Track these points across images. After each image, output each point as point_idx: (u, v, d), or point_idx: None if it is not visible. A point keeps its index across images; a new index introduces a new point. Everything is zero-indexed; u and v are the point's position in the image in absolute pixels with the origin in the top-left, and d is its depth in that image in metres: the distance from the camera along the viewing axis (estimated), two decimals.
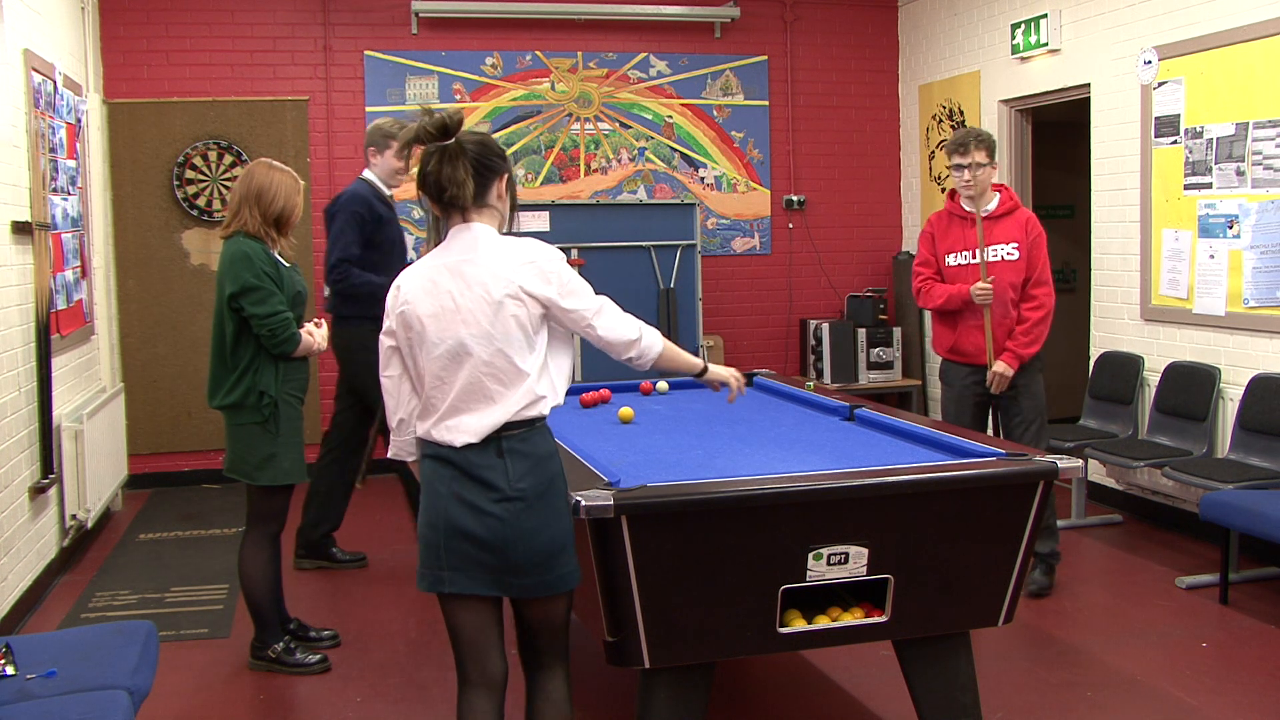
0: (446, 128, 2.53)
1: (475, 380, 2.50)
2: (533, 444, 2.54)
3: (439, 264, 2.55)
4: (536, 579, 2.57)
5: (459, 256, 2.54)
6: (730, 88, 7.69)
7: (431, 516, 2.58)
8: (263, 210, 3.94)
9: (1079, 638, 4.25)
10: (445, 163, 2.53)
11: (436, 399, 2.56)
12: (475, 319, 2.49)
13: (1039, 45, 6.36)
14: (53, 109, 5.36)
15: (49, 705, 2.67)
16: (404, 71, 7.21)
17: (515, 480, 2.52)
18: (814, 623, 2.96)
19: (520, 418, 2.52)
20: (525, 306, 2.50)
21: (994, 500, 3.01)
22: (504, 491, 2.51)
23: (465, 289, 2.50)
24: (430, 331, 2.52)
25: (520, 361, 2.50)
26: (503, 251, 2.54)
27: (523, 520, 2.52)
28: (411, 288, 2.57)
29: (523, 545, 2.52)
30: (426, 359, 2.54)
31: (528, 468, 2.53)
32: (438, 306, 2.52)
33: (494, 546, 2.53)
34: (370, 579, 5.13)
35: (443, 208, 2.59)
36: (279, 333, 3.88)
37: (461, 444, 2.52)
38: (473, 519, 2.52)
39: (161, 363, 6.96)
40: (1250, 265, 5.05)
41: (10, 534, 4.56)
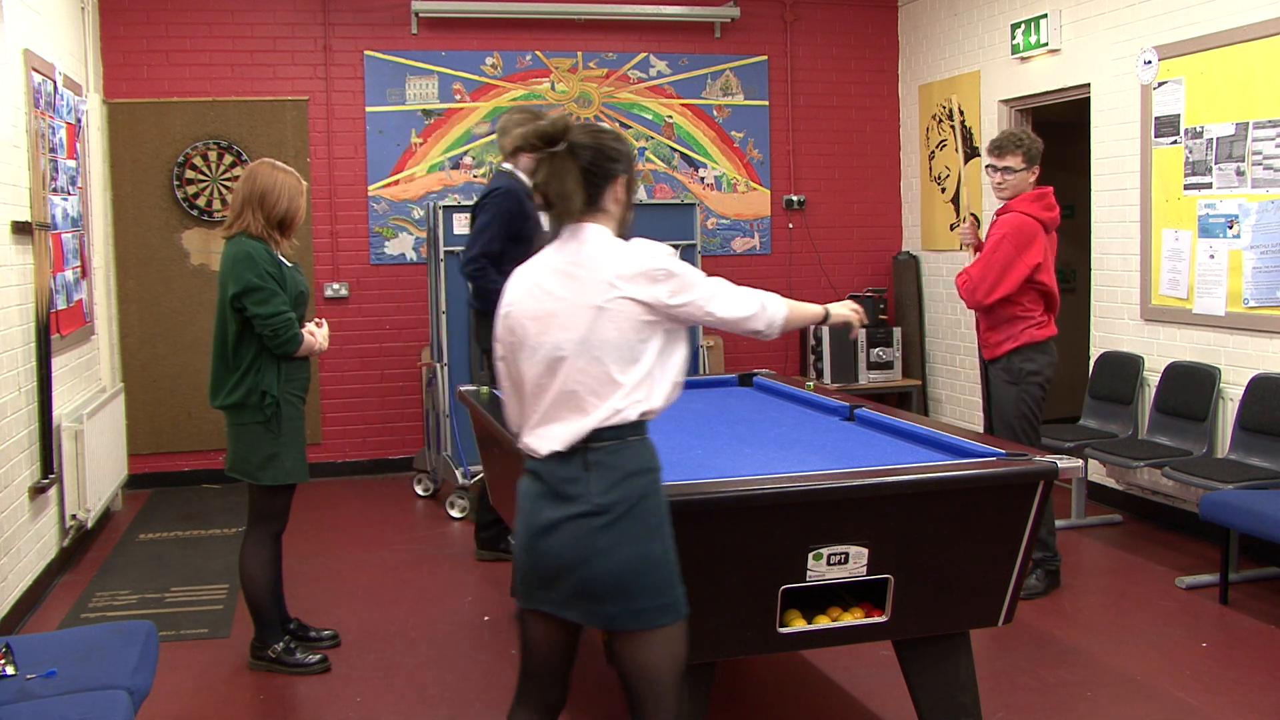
0: (551, 137, 2.41)
1: (569, 388, 2.39)
2: (623, 457, 2.38)
3: (546, 266, 2.46)
4: (618, 607, 2.35)
5: (566, 259, 2.43)
6: (730, 88, 7.69)
7: (518, 528, 2.49)
8: (266, 212, 3.94)
9: (1079, 638, 4.25)
10: (553, 174, 2.42)
11: (533, 406, 2.45)
12: (574, 325, 2.38)
13: (1039, 45, 6.36)
14: (53, 109, 5.36)
15: (49, 705, 2.67)
16: (404, 71, 7.21)
17: (597, 494, 2.36)
18: (814, 623, 2.96)
19: (609, 424, 2.37)
20: (629, 315, 2.37)
21: (994, 500, 3.01)
22: (583, 505, 2.36)
23: (567, 293, 2.40)
24: (530, 335, 2.43)
25: (617, 372, 2.37)
26: (611, 256, 2.40)
27: (598, 537, 2.34)
28: (517, 290, 2.49)
29: (596, 564, 2.34)
30: (527, 364, 2.44)
31: (613, 481, 2.36)
32: (539, 310, 2.42)
33: (568, 564, 2.37)
34: (370, 579, 5.13)
35: (547, 210, 2.49)
36: (282, 333, 3.88)
37: (547, 452, 2.41)
38: (550, 533, 2.39)
39: (161, 363, 6.96)
40: (1250, 265, 5.05)
41: (10, 534, 4.56)
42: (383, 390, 7.31)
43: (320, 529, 5.99)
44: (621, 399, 2.37)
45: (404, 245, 7.26)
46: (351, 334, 7.17)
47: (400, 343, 7.29)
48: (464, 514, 6.13)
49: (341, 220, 7.19)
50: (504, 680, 3.94)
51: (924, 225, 7.76)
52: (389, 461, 7.34)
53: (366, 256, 7.23)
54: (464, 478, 6.20)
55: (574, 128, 2.44)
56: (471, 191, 7.30)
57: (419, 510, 6.43)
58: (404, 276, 7.27)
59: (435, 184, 7.29)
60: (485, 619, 4.57)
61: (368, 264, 7.24)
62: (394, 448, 7.34)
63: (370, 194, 7.22)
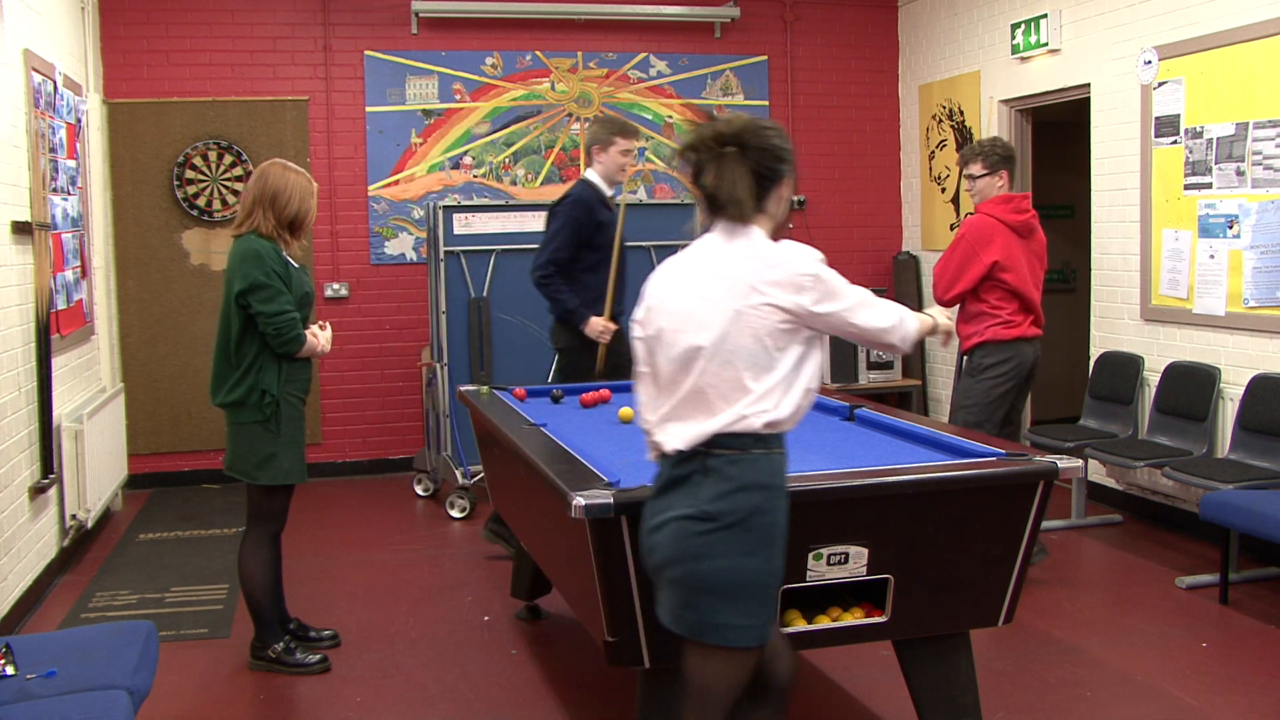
0: (725, 138, 2.37)
1: (699, 388, 2.36)
2: (741, 468, 2.32)
3: (693, 262, 2.44)
4: (700, 616, 2.33)
5: (714, 258, 2.40)
6: (730, 88, 7.69)
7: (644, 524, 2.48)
8: (277, 213, 3.94)
9: (1079, 638, 4.25)
10: (723, 176, 2.37)
11: (665, 400, 2.44)
12: (711, 325, 2.34)
13: (1039, 45, 6.36)
14: (53, 109, 5.36)
15: (49, 705, 2.67)
16: (404, 71, 7.21)
17: (707, 500, 2.32)
18: (814, 623, 2.96)
19: (732, 430, 2.33)
20: (768, 321, 2.33)
21: (994, 500, 3.01)
22: (691, 508, 2.33)
23: (710, 292, 2.36)
24: (667, 331, 2.41)
25: (749, 378, 2.33)
26: (758, 259, 2.36)
27: (695, 542, 2.31)
28: (661, 283, 2.48)
29: (682, 566, 2.32)
30: (663, 358, 2.43)
31: (725, 491, 2.31)
32: (680, 306, 2.40)
33: (668, 561, 2.37)
34: (370, 579, 5.13)
35: (709, 209, 2.44)
36: (285, 332, 3.87)
37: (671, 450, 2.40)
38: (658, 530, 2.39)
39: (161, 363, 6.96)
40: (1250, 265, 5.05)
41: (10, 534, 4.56)
42: (383, 390, 7.31)
43: (320, 529, 5.99)
44: (748, 405, 2.33)
45: (404, 245, 7.27)
46: (351, 334, 7.17)
47: (400, 343, 7.29)
48: (464, 514, 6.13)
49: (341, 220, 7.19)
50: (504, 680, 3.95)
51: (924, 225, 7.76)
52: (389, 461, 7.34)
53: (366, 256, 7.23)
54: (464, 478, 6.20)
55: (748, 129, 2.39)
56: (471, 191, 7.31)
57: (419, 510, 6.43)
58: (404, 276, 7.27)
59: (435, 184, 7.29)
60: (485, 619, 4.57)
61: (368, 264, 7.24)
62: (394, 448, 7.34)
63: (370, 194, 7.22)
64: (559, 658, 4.16)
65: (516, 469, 3.52)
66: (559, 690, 3.86)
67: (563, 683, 3.93)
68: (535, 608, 4.54)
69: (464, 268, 6.35)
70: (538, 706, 3.73)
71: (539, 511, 3.44)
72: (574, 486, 2.76)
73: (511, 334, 6.44)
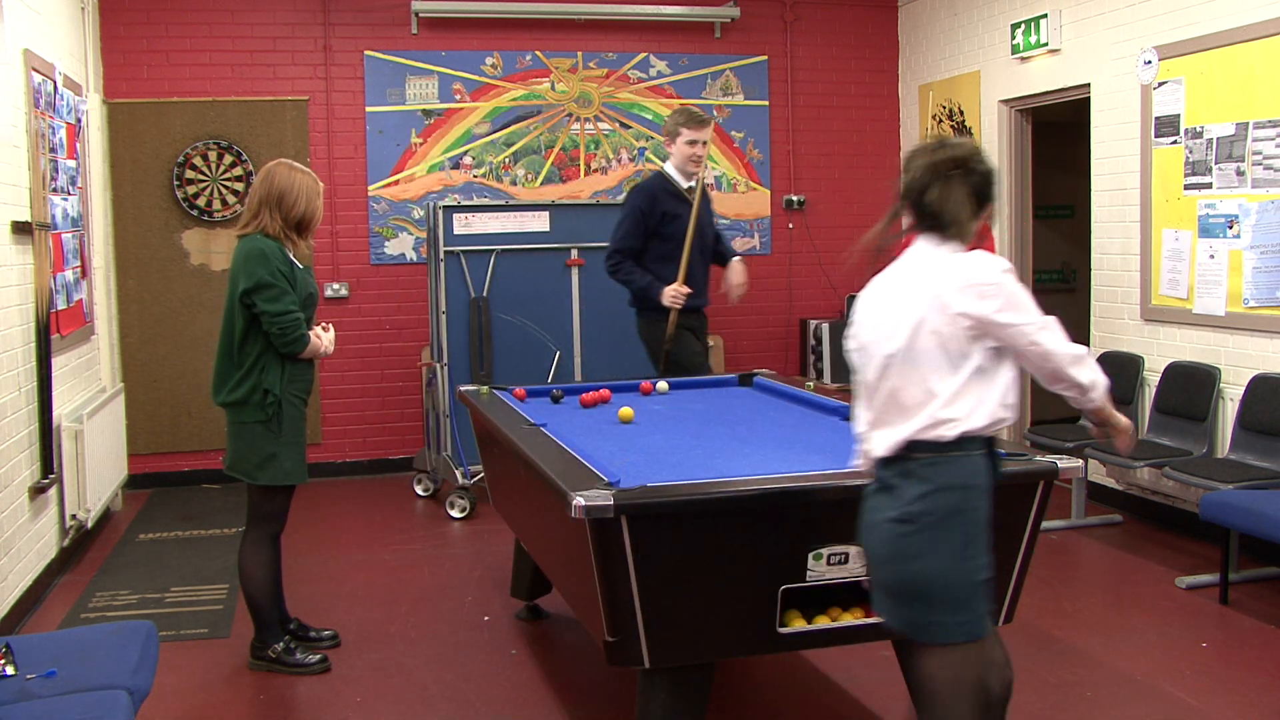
0: (960, 161, 2.51)
1: (893, 394, 2.47)
2: (939, 470, 2.41)
3: (895, 274, 2.57)
4: (915, 615, 2.44)
5: (909, 269, 2.54)
6: (730, 88, 7.69)
7: None
8: (284, 214, 3.94)
9: (1079, 638, 4.25)
10: (949, 195, 2.50)
11: (869, 407, 2.57)
12: (900, 332, 2.45)
13: (1039, 45, 6.36)
14: (53, 109, 5.36)
15: (49, 705, 2.67)
16: (404, 71, 7.21)
17: (908, 501, 2.42)
18: (814, 623, 2.96)
19: (926, 436, 2.42)
20: (952, 327, 2.40)
21: (994, 500, 3.00)
22: (895, 511, 2.45)
23: (902, 301, 2.48)
24: (869, 340, 2.55)
25: (935, 383, 2.41)
26: (946, 268, 2.46)
27: (900, 544, 2.42)
28: (867, 296, 2.62)
29: (892, 568, 2.44)
30: (867, 365, 2.56)
31: (924, 492, 2.41)
32: (877, 315, 2.54)
33: (880, 561, 2.50)
34: (370, 579, 5.13)
35: (920, 225, 2.56)
36: (289, 332, 3.87)
37: (877, 455, 2.53)
38: (871, 530, 2.52)
39: (161, 363, 6.96)
40: (1250, 265, 5.05)
41: (10, 534, 4.56)
42: (383, 390, 7.31)
43: (320, 529, 5.99)
44: (938, 409, 2.42)
45: (404, 245, 7.26)
46: (351, 334, 7.17)
47: (400, 343, 7.29)
48: (464, 514, 6.13)
49: (341, 220, 7.19)
50: (504, 680, 3.95)
51: None
52: (389, 461, 7.34)
53: (366, 256, 7.23)
54: (464, 478, 6.20)
55: (973, 155, 2.52)
56: (471, 191, 7.31)
57: (419, 510, 6.43)
58: (404, 276, 7.27)
59: (435, 184, 7.29)
60: (485, 619, 4.57)
61: (368, 264, 7.24)
62: (394, 448, 7.34)
63: (370, 194, 7.22)
64: (559, 658, 4.16)
65: (516, 469, 3.52)
66: (559, 690, 3.86)
67: (563, 683, 3.93)
68: (535, 608, 4.54)
69: (464, 268, 6.35)
70: (538, 706, 3.73)
71: (539, 511, 3.44)
72: (574, 486, 2.76)
73: (511, 334, 6.44)
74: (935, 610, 2.42)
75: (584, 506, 2.65)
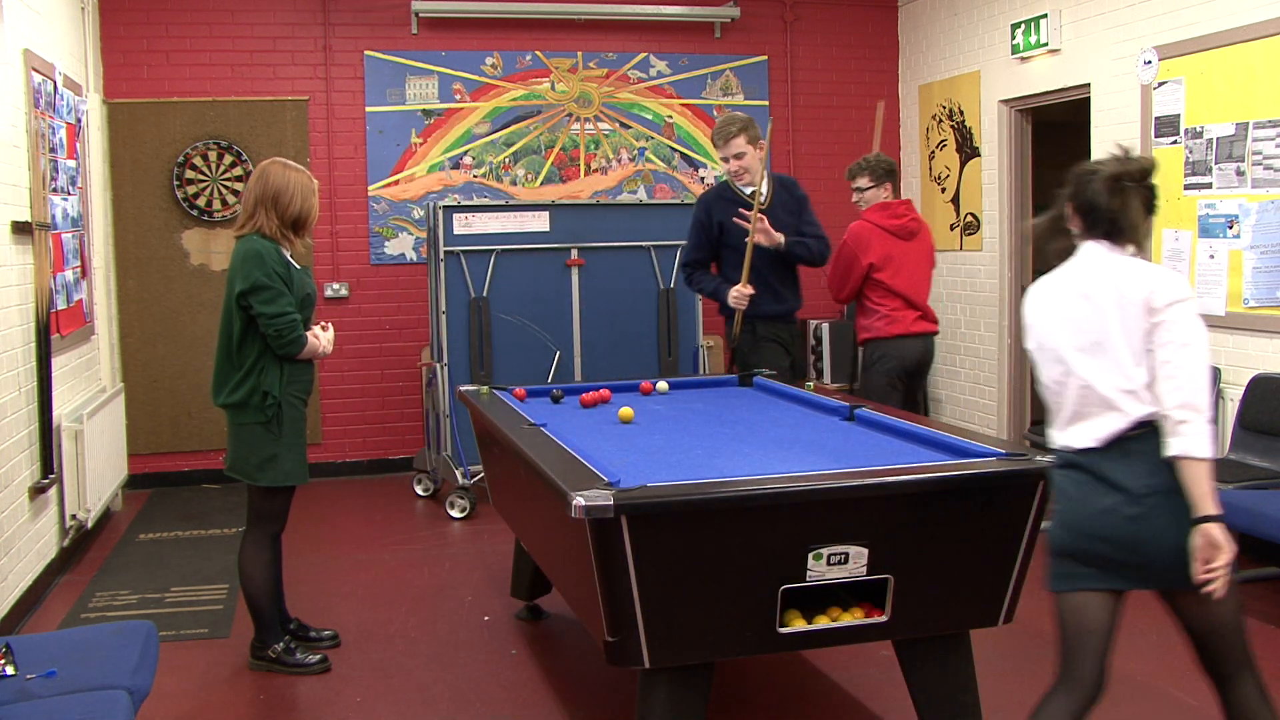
0: (1145, 173, 2.68)
1: (1087, 388, 2.61)
2: (1154, 444, 2.55)
3: (1071, 276, 2.70)
4: (1177, 575, 2.57)
5: (1087, 271, 2.67)
6: (730, 88, 7.69)
7: (1064, 519, 2.66)
8: (280, 213, 3.93)
9: None
10: (1129, 205, 2.66)
11: (1059, 405, 2.69)
12: (1091, 329, 2.62)
13: (1039, 45, 6.36)
14: (53, 109, 5.36)
15: (49, 705, 2.67)
16: (404, 71, 7.21)
17: (1139, 479, 2.56)
18: (814, 623, 2.96)
19: (1135, 421, 2.56)
20: (1140, 323, 2.57)
21: (994, 500, 3.01)
22: (1127, 494, 2.57)
23: (1087, 301, 2.63)
24: (1050, 338, 2.69)
25: (1129, 373, 2.57)
26: (1135, 273, 2.61)
27: (1148, 522, 2.56)
28: (1039, 300, 2.75)
29: (1151, 547, 2.57)
30: (1049, 366, 2.70)
31: (1151, 468, 2.55)
32: (1061, 315, 2.67)
33: (1127, 546, 2.59)
34: (370, 579, 5.13)
35: (1094, 231, 2.69)
36: (286, 333, 3.87)
37: (1081, 447, 2.62)
38: (1104, 518, 2.60)
39: (161, 363, 6.96)
40: (1250, 265, 5.05)
41: (10, 534, 4.56)
42: (383, 390, 7.31)
43: (320, 529, 5.99)
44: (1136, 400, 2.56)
45: (404, 245, 7.27)
46: (351, 334, 7.17)
47: (400, 343, 7.29)
48: (464, 514, 6.13)
49: (341, 220, 7.19)
50: (504, 680, 3.95)
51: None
52: (389, 461, 7.34)
53: (366, 256, 7.24)
54: (464, 478, 6.20)
55: (1151, 168, 2.69)
56: (471, 191, 7.31)
57: (419, 510, 6.43)
58: (404, 276, 7.28)
59: (435, 184, 7.29)
60: (485, 619, 4.57)
61: (368, 264, 7.24)
62: (394, 448, 7.34)
63: (370, 194, 7.22)
64: (559, 658, 4.16)
65: (516, 469, 3.52)
66: (559, 690, 3.86)
67: (563, 683, 3.93)
68: (535, 608, 4.54)
69: (464, 268, 6.35)
70: (538, 706, 3.73)
71: (539, 511, 3.44)
72: (574, 486, 2.76)
73: (511, 334, 6.44)
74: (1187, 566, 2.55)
75: (584, 506, 2.65)
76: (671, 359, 6.67)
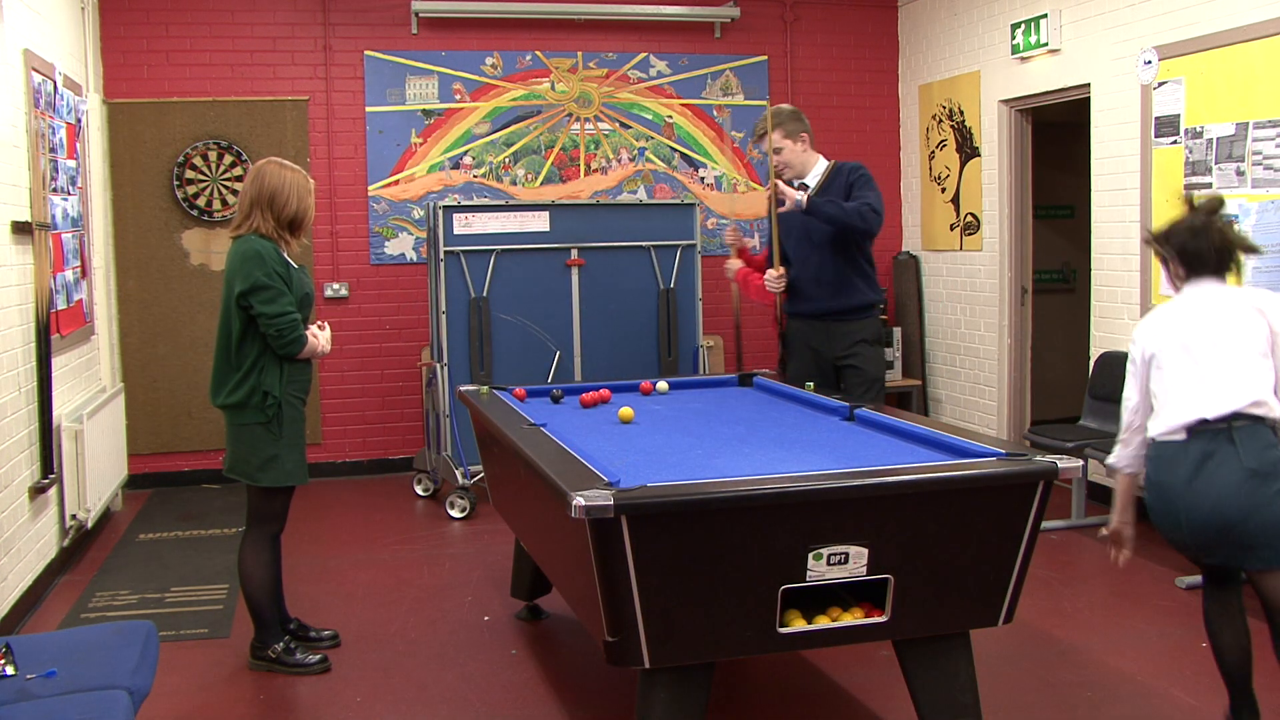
0: (1214, 209, 3.28)
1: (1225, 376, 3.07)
2: (1263, 432, 3.04)
3: (1194, 301, 3.21)
4: (1269, 551, 3.02)
5: (1217, 297, 3.19)
6: (730, 88, 7.69)
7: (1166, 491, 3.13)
8: (276, 213, 3.93)
9: (1079, 638, 4.25)
10: (1200, 236, 3.22)
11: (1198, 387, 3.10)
12: (1228, 334, 3.11)
13: (1039, 45, 6.36)
14: (53, 109, 5.36)
15: (49, 705, 2.67)
16: (404, 71, 7.21)
17: (1248, 460, 2.99)
18: (814, 623, 2.96)
19: (1254, 412, 3.04)
20: (1260, 331, 3.10)
21: (994, 500, 3.01)
22: (1237, 471, 3.00)
23: (1226, 315, 3.14)
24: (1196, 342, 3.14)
25: (1251, 366, 3.07)
26: (1261, 297, 3.20)
27: (1254, 495, 2.98)
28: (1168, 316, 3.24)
29: (1254, 519, 2.99)
30: (1192, 360, 3.13)
31: (1258, 450, 3.01)
32: (1205, 323, 3.15)
33: (1230, 518, 3.00)
34: (370, 579, 5.13)
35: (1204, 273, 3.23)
36: (286, 333, 3.87)
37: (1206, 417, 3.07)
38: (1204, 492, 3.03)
39: (161, 363, 6.96)
40: (1250, 265, 5.04)
41: (10, 534, 4.56)
42: (383, 390, 7.31)
43: (320, 529, 5.99)
44: (1258, 391, 3.05)
45: (404, 245, 7.27)
46: (351, 334, 7.17)
47: (400, 343, 7.29)
48: (464, 514, 6.13)
49: (341, 220, 7.19)
50: (504, 680, 3.95)
51: (924, 225, 7.76)
52: (389, 461, 7.34)
53: (366, 256, 7.24)
54: (464, 478, 6.20)
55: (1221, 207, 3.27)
56: (471, 191, 7.31)
57: (419, 510, 6.43)
58: (404, 276, 7.28)
59: (435, 184, 7.29)
60: (485, 619, 4.57)
61: (368, 264, 7.24)
62: (394, 448, 7.35)
63: (370, 194, 7.22)
64: (559, 658, 4.16)
65: (516, 469, 3.52)
66: (559, 690, 3.86)
67: (563, 683, 3.93)
68: (535, 608, 4.54)
69: (464, 268, 6.36)
70: (538, 706, 3.73)
71: (539, 511, 3.44)
72: (574, 486, 2.76)
73: (511, 334, 6.44)
74: None
75: (584, 506, 2.65)
76: (671, 359, 6.67)
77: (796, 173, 5.01)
